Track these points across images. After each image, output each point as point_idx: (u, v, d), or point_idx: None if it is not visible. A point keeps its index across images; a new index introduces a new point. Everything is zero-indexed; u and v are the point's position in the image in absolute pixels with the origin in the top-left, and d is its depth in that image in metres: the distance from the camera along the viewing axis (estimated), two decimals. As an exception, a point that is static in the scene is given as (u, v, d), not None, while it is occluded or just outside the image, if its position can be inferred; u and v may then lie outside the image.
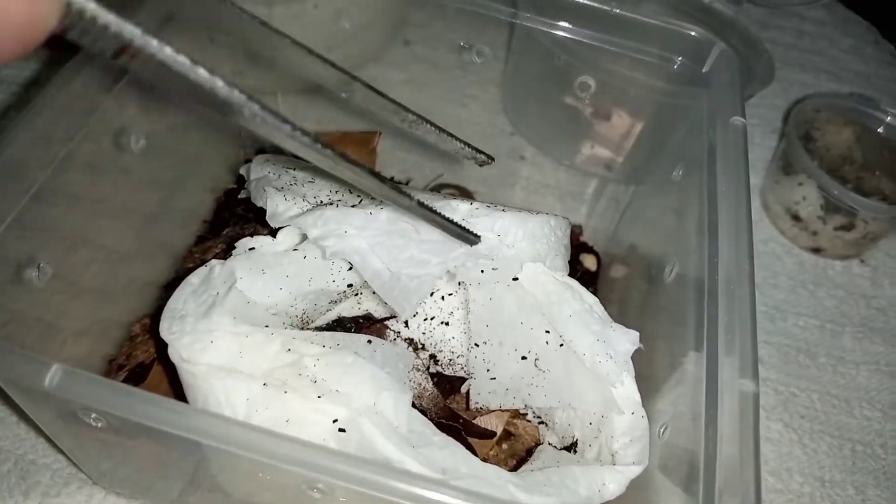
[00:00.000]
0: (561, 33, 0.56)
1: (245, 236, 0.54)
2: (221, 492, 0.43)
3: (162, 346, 0.40)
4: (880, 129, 0.76)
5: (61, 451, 0.50)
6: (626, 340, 0.45)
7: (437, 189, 0.70)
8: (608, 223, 0.68)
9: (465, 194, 0.68)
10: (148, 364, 0.49)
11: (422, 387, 0.48)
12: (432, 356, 0.50)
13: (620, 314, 0.58)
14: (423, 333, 0.51)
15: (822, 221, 0.72)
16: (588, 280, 0.65)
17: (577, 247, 0.68)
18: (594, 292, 0.64)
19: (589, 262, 0.66)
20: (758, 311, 0.67)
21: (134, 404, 0.30)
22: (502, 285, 0.46)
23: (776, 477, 0.58)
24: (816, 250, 0.74)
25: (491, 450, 0.48)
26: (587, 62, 0.61)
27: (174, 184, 0.58)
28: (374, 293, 0.50)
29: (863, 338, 0.68)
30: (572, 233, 0.69)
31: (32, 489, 0.49)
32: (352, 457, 0.32)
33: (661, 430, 0.42)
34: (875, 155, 0.74)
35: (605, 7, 0.54)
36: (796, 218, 0.74)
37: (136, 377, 0.49)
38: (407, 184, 0.71)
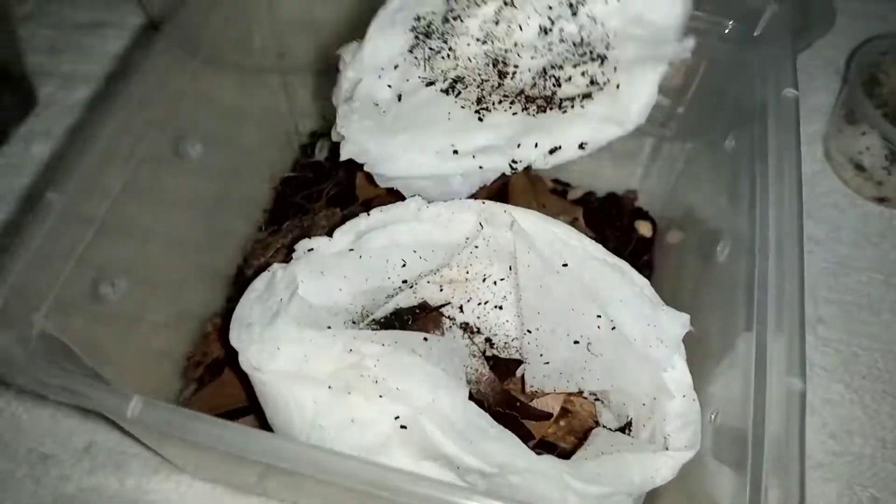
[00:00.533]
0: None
1: (304, 231, 0.56)
2: (296, 481, 0.46)
3: (233, 351, 0.43)
4: (953, 70, 0.72)
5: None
6: (677, 324, 0.45)
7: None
8: (663, 186, 0.67)
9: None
10: (222, 360, 0.52)
11: (479, 373, 0.50)
12: (488, 339, 0.52)
13: (676, 284, 0.58)
14: (478, 318, 0.52)
15: (886, 171, 0.69)
16: (643, 247, 0.65)
17: (632, 213, 0.68)
18: (649, 260, 0.65)
19: (644, 228, 0.66)
20: (819, 266, 0.67)
21: (206, 431, 0.33)
22: (551, 272, 0.47)
23: (835, 439, 0.58)
24: (881, 200, 0.72)
25: (549, 428, 0.50)
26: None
27: (232, 176, 0.60)
28: (428, 282, 0.52)
29: (929, 292, 0.66)
30: (626, 198, 0.69)
31: (127, 477, 0.53)
32: (415, 475, 0.34)
33: (713, 416, 0.42)
34: (946, 98, 0.71)
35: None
36: (860, 168, 0.71)
37: (213, 372, 0.52)
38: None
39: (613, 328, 0.46)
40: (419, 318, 0.50)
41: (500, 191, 0.62)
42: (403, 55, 0.47)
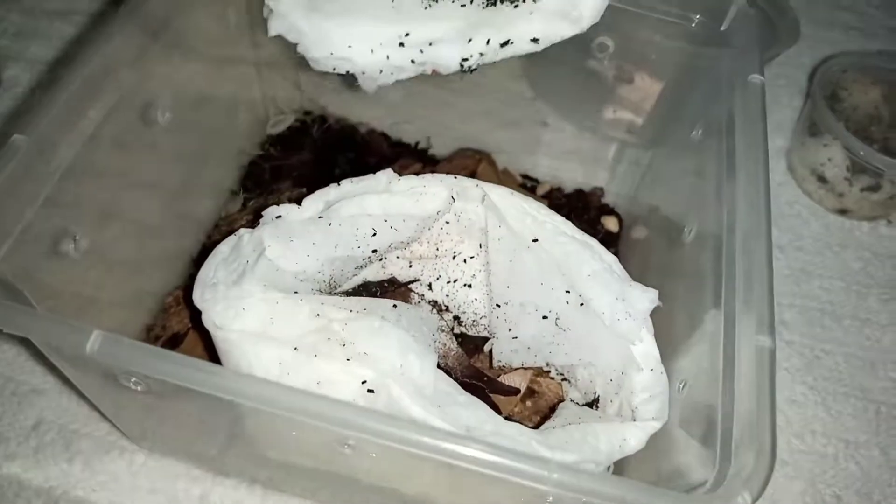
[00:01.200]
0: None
1: (271, 206, 0.55)
2: (257, 450, 0.44)
3: (196, 313, 0.41)
4: (909, 87, 0.75)
5: (103, 419, 0.52)
6: (646, 298, 0.45)
7: (458, 153, 0.70)
8: (629, 186, 0.68)
9: (487, 160, 0.68)
10: (183, 333, 0.51)
11: (447, 347, 0.49)
12: (456, 317, 0.52)
13: (641, 275, 0.58)
14: (447, 296, 0.52)
15: (848, 183, 0.71)
16: (609, 242, 0.66)
17: (599, 209, 0.69)
18: (615, 254, 0.65)
19: (610, 223, 0.67)
20: (783, 274, 0.68)
21: (172, 367, 0.32)
22: (521, 247, 0.47)
23: (800, 439, 0.58)
24: (843, 212, 0.74)
25: (515, 406, 0.50)
26: (605, 22, 0.61)
27: (200, 156, 0.59)
28: (397, 257, 0.51)
29: (889, 299, 0.68)
30: (593, 194, 0.70)
31: (76, 456, 0.51)
32: (381, 413, 0.33)
33: (681, 387, 0.42)
34: (903, 114, 0.73)
35: (622, -33, 0.54)
36: (822, 179, 0.73)
37: (172, 345, 0.51)
38: (428, 149, 0.72)
39: (582, 303, 0.46)
40: (387, 292, 0.50)
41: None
42: None
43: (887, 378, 0.63)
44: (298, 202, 0.48)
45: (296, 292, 0.43)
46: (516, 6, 0.44)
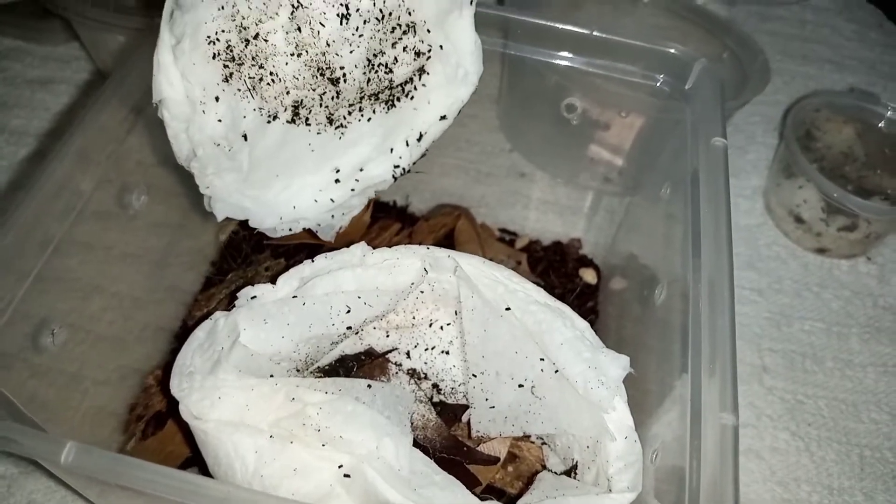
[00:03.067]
0: (550, 60, 0.57)
1: (248, 280, 0.56)
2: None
3: (175, 400, 0.42)
4: (881, 125, 0.76)
5: (89, 501, 0.52)
6: (617, 366, 0.46)
7: (436, 209, 0.71)
8: (606, 235, 0.69)
9: (465, 216, 0.69)
10: (165, 412, 0.51)
11: (426, 418, 0.50)
12: (435, 385, 0.52)
13: (619, 329, 0.59)
14: (425, 363, 0.52)
15: (824, 223, 0.72)
16: (588, 294, 0.66)
17: (577, 260, 0.70)
18: (594, 306, 0.66)
19: (588, 275, 0.68)
20: (763, 317, 0.69)
21: (141, 476, 0.32)
22: (495, 316, 0.48)
23: (783, 487, 0.58)
24: (821, 251, 0.74)
25: (497, 473, 0.50)
26: (577, 82, 0.62)
27: (179, 228, 0.60)
28: (374, 328, 0.52)
29: (870, 339, 0.68)
30: (571, 246, 0.71)
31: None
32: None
33: (654, 456, 0.43)
34: (877, 152, 0.74)
35: (584, 31, 0.55)
36: (799, 220, 0.74)
37: (154, 425, 0.51)
38: (407, 206, 0.73)
39: (556, 371, 0.46)
40: (364, 364, 0.50)
41: (445, 238, 0.64)
42: (220, 86, 0.45)
43: (870, 420, 0.63)
44: (275, 279, 0.49)
45: (271, 375, 0.44)
46: (411, 97, 0.45)
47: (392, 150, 0.45)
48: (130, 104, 0.49)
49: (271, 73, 0.45)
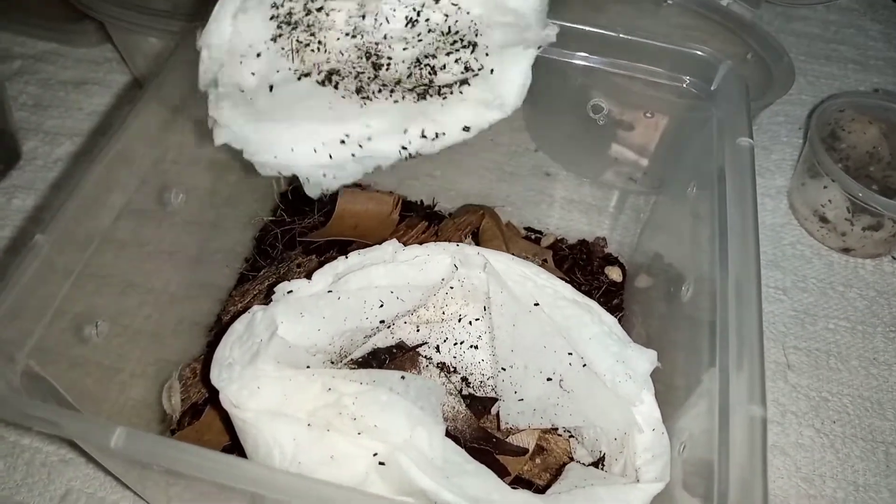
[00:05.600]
0: (575, 61, 0.58)
1: (281, 277, 0.57)
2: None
3: (213, 390, 0.44)
4: (906, 124, 0.76)
5: (127, 488, 0.54)
6: (645, 360, 0.47)
7: (462, 209, 0.72)
8: (632, 235, 0.70)
9: (490, 215, 0.70)
10: (202, 404, 0.53)
11: (455, 410, 0.51)
12: (464, 378, 0.53)
13: (645, 326, 0.60)
14: (455, 357, 0.54)
15: (849, 223, 0.72)
16: (614, 291, 0.67)
17: (602, 258, 0.70)
18: (620, 304, 0.67)
19: (614, 273, 0.68)
20: (788, 315, 0.69)
21: (190, 460, 0.34)
22: (523, 311, 0.49)
23: (809, 483, 0.59)
24: (846, 250, 0.75)
25: (525, 465, 0.51)
26: (602, 83, 0.63)
27: (214, 225, 0.62)
28: (405, 322, 0.53)
29: (895, 337, 0.68)
30: (596, 244, 0.71)
31: (103, 523, 0.53)
32: (383, 499, 0.35)
33: (682, 448, 0.44)
34: (901, 151, 0.74)
35: (611, 33, 0.56)
36: (824, 220, 0.74)
37: (193, 416, 0.53)
38: (433, 206, 0.74)
39: (584, 365, 0.47)
40: (396, 357, 0.52)
41: (471, 236, 0.65)
42: (267, 44, 0.46)
43: (895, 418, 0.63)
44: (309, 274, 0.50)
45: (308, 366, 0.45)
46: (445, 98, 0.46)
47: (406, 131, 0.45)
48: (170, 106, 0.51)
49: (320, 42, 0.45)
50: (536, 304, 0.49)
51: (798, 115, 0.89)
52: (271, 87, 0.45)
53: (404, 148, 0.45)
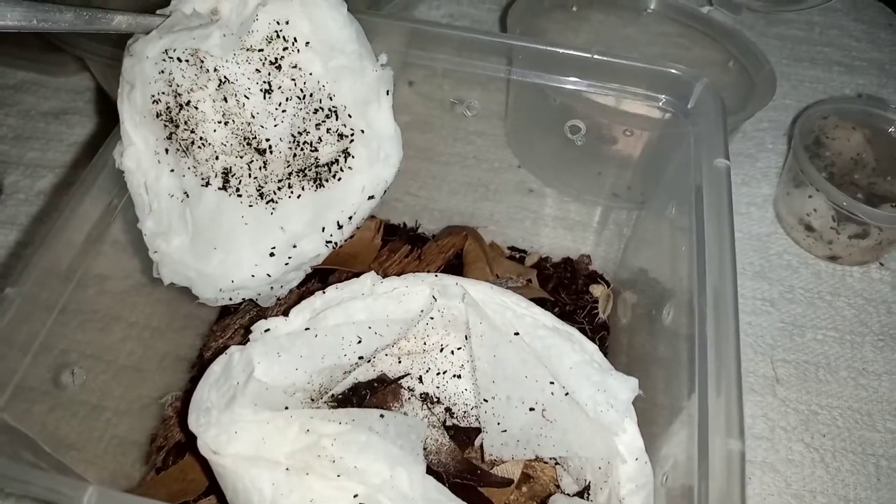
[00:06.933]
0: (552, 84, 0.58)
1: (261, 310, 0.57)
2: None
3: (192, 435, 0.43)
4: (891, 130, 0.76)
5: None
6: (627, 388, 0.46)
7: (445, 230, 0.72)
8: (615, 251, 0.70)
9: (472, 234, 0.70)
10: (185, 442, 0.53)
11: (439, 443, 0.51)
12: (448, 409, 0.53)
13: (630, 345, 0.60)
14: (437, 387, 0.53)
15: (835, 231, 0.72)
16: (598, 310, 0.67)
17: (587, 276, 0.70)
18: (605, 322, 0.66)
19: (598, 291, 0.68)
20: (776, 327, 0.69)
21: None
22: (504, 341, 0.48)
23: (799, 499, 0.59)
24: (833, 258, 0.74)
25: (511, 494, 0.51)
26: (580, 102, 0.63)
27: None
28: (386, 355, 0.53)
29: (884, 346, 0.68)
30: (580, 262, 0.71)
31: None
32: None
33: (664, 478, 0.43)
34: (886, 157, 0.74)
35: (584, 54, 0.55)
36: (810, 228, 0.74)
37: (177, 454, 0.53)
38: (416, 228, 0.73)
39: (566, 394, 0.47)
40: (378, 391, 0.51)
41: (455, 258, 0.65)
42: (164, 141, 0.47)
43: (886, 430, 0.63)
44: (288, 309, 0.50)
45: (286, 407, 0.45)
46: (339, 178, 0.48)
47: (324, 228, 0.48)
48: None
49: (201, 138, 0.47)
50: (517, 334, 0.49)
51: (783, 121, 0.89)
52: (186, 194, 0.47)
53: (328, 243, 0.48)
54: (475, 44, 0.57)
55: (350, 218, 0.49)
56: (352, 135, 0.48)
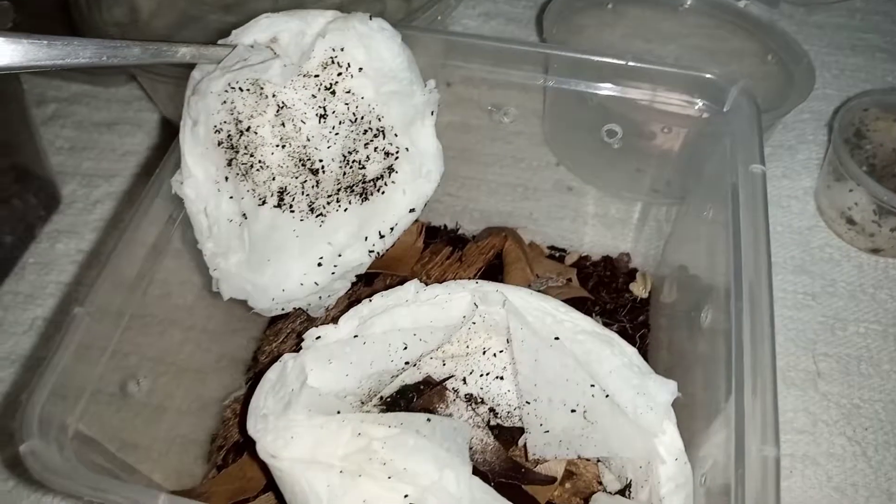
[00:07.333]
0: (589, 90, 0.59)
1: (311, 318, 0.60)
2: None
3: (251, 439, 0.46)
4: (933, 119, 0.75)
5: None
6: (666, 391, 0.48)
7: (485, 232, 0.73)
8: (656, 248, 0.70)
9: (512, 235, 0.71)
10: (243, 442, 0.56)
11: (484, 442, 0.53)
12: (491, 409, 0.55)
13: (670, 343, 0.61)
14: (481, 388, 0.55)
15: (877, 225, 0.72)
16: (639, 308, 0.68)
17: (627, 274, 0.71)
18: (646, 320, 0.67)
19: (638, 289, 0.69)
20: (817, 321, 0.69)
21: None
22: (544, 346, 0.50)
23: (841, 493, 0.59)
24: (875, 251, 0.74)
25: (555, 491, 0.53)
26: (617, 105, 0.63)
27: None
28: (431, 358, 0.55)
29: (926, 338, 0.68)
30: (620, 260, 0.72)
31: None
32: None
33: (703, 479, 0.45)
34: (928, 148, 0.74)
35: (619, 62, 0.56)
36: (851, 221, 0.74)
37: (237, 454, 0.56)
38: (457, 230, 0.75)
39: (607, 396, 0.49)
40: (424, 393, 0.53)
41: (496, 258, 0.66)
42: (226, 169, 0.50)
43: (929, 423, 0.63)
44: (336, 318, 0.52)
45: (338, 411, 0.47)
46: (383, 192, 0.51)
47: (367, 238, 0.51)
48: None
49: (260, 161, 0.50)
50: (557, 339, 0.50)
51: (824, 111, 0.88)
52: (245, 216, 0.50)
53: (371, 251, 0.51)
54: (511, 54, 0.58)
55: (392, 229, 0.51)
56: (397, 152, 0.51)
